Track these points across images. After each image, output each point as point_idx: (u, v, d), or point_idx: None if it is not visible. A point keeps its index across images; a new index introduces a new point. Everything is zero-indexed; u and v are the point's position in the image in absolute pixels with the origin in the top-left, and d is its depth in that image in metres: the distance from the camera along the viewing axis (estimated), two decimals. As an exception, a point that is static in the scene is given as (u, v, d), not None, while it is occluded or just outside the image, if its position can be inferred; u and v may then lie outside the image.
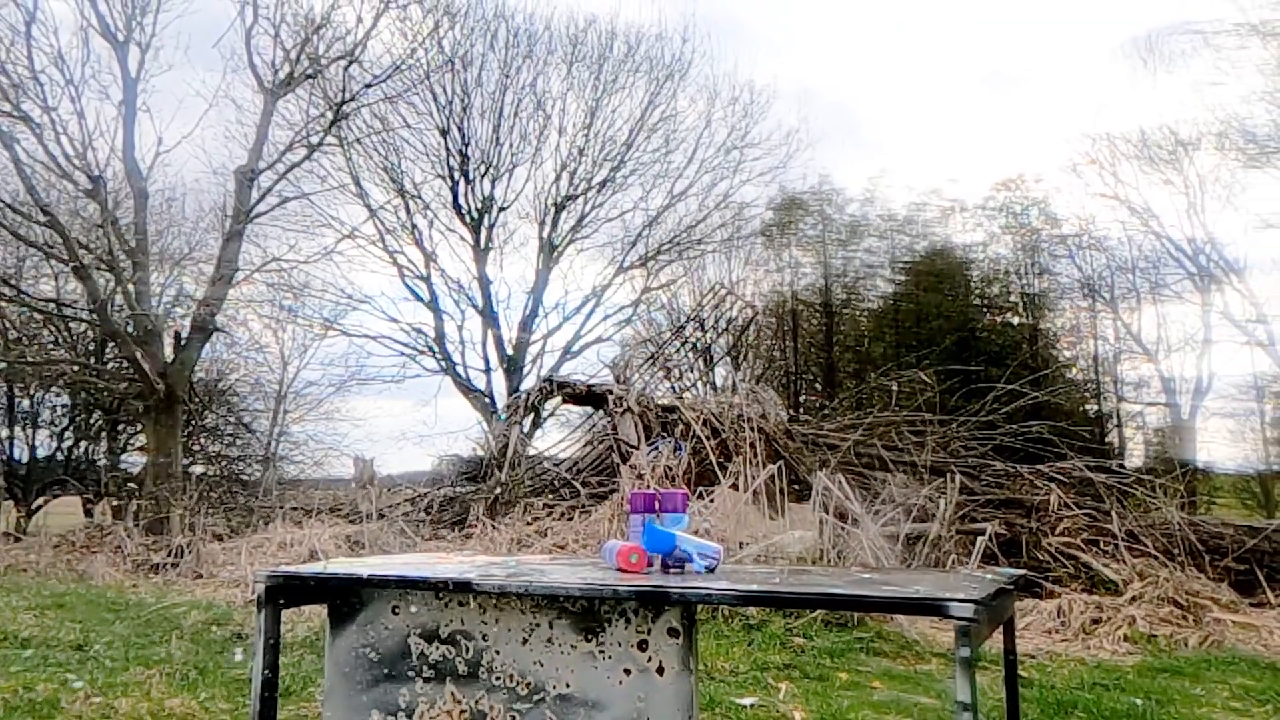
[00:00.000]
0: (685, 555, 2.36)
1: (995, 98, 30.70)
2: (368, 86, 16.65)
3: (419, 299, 20.32)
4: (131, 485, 16.47)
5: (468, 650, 2.33)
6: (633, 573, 2.33)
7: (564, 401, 13.83)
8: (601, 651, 2.19)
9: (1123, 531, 8.31)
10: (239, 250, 15.58)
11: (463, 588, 2.25)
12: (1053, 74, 31.00)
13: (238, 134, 16.44)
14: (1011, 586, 2.36)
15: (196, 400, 17.89)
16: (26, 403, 18.60)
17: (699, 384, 15.56)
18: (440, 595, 2.36)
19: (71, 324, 17.36)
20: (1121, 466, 11.60)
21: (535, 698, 2.24)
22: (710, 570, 2.38)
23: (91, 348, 18.02)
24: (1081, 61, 30.19)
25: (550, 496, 10.82)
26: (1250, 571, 8.23)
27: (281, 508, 13.00)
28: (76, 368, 17.03)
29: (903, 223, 23.48)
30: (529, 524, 9.76)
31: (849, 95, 32.99)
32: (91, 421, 19.37)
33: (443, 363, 20.31)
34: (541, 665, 2.24)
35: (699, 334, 16.19)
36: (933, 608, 1.85)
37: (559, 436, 17.15)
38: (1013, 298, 23.03)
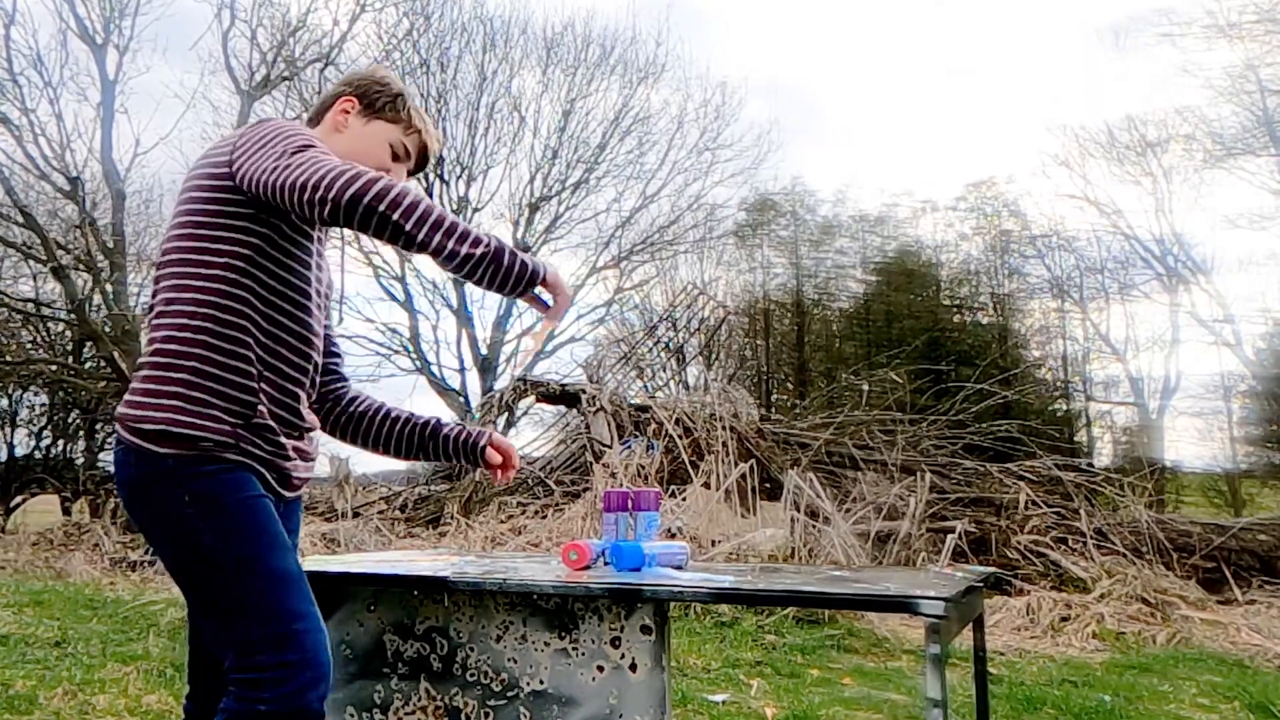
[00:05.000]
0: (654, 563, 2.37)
1: (970, 97, 31.03)
2: (344, 89, 16.67)
3: (394, 299, 20.32)
4: (109, 484, 16.31)
5: (442, 647, 2.32)
6: (576, 569, 2.35)
7: (537, 401, 13.79)
8: (575, 648, 2.19)
9: (1091, 530, 8.39)
10: (217, 251, 15.55)
11: (437, 585, 2.24)
12: (1028, 75, 31.37)
13: (214, 135, 16.35)
14: (981, 584, 2.37)
15: (174, 400, 17.80)
16: (5, 402, 18.44)
17: (671, 383, 15.57)
18: (415, 593, 2.35)
19: (50, 324, 17.24)
20: (1090, 465, 11.71)
21: (509, 694, 2.24)
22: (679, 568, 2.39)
23: (70, 347, 17.86)
24: (1054, 63, 30.55)
25: (524, 495, 10.78)
26: (1218, 569, 8.34)
27: (258, 506, 12.87)
28: (55, 367, 16.87)
29: (874, 223, 23.68)
30: (503, 522, 9.73)
31: (824, 94, 33.24)
32: (69, 420, 19.15)
33: (417, 362, 20.27)
34: (515, 662, 2.24)
35: (671, 334, 16.19)
36: (903, 605, 1.85)
37: (533, 435, 17.18)
38: (983, 298, 23.28)
